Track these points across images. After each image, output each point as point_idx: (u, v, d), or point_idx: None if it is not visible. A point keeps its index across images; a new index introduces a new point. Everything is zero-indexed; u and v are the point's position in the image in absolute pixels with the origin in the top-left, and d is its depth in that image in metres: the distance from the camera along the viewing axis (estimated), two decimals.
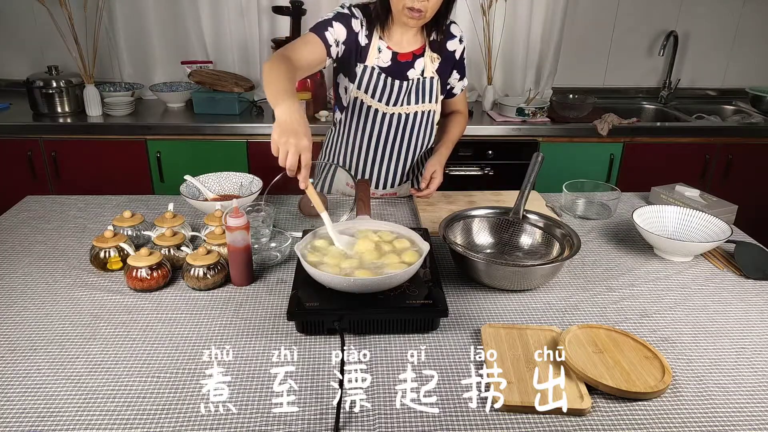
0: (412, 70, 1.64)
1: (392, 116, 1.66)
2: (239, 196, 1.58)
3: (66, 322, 1.13)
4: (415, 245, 1.26)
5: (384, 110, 1.65)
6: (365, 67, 1.61)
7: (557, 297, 1.26)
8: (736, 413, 0.94)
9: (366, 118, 1.67)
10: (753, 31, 3.12)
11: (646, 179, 2.03)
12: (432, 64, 1.65)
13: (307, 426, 0.89)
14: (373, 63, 1.61)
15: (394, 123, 1.68)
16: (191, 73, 2.69)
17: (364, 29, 1.59)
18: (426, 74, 1.65)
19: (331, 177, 1.85)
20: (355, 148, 1.74)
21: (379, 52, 1.60)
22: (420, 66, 1.64)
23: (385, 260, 1.20)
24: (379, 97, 1.63)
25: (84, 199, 1.71)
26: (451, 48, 1.68)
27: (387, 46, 1.61)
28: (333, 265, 1.18)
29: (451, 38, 1.67)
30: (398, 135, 1.70)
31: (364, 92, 1.63)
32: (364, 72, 1.61)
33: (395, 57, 1.62)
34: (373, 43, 1.60)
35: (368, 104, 1.65)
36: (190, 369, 1.01)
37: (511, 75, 3.00)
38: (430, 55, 1.65)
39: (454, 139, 1.76)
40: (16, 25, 2.88)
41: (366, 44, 1.60)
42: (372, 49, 1.60)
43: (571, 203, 1.70)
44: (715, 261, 1.43)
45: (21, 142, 2.51)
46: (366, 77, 1.61)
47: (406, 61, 1.63)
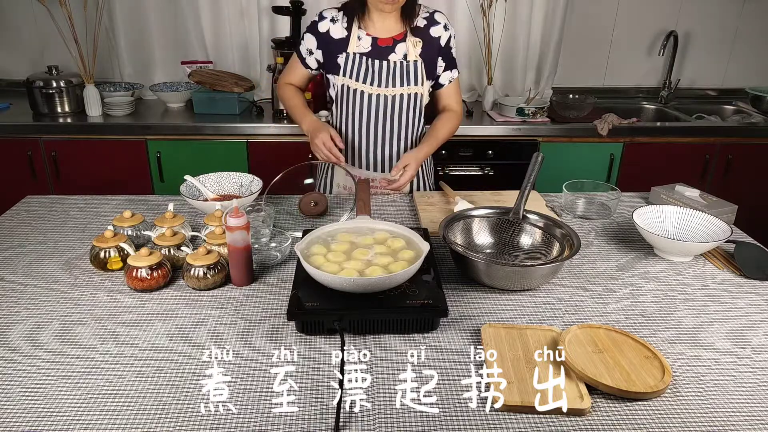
0: (393, 54, 1.69)
1: (378, 98, 1.71)
2: (239, 196, 1.58)
3: (66, 322, 1.13)
4: (414, 245, 1.26)
5: (369, 91, 1.70)
6: (347, 55, 1.69)
7: (557, 297, 1.26)
8: (736, 413, 0.94)
9: (354, 102, 1.73)
10: (753, 31, 3.12)
11: (646, 179, 2.03)
12: (414, 48, 1.70)
13: (307, 426, 0.89)
14: (354, 50, 1.68)
15: (381, 105, 1.72)
16: (191, 73, 2.69)
17: (340, 23, 1.68)
18: (409, 58, 1.70)
19: (331, 177, 1.86)
20: (347, 133, 1.78)
21: (359, 40, 1.68)
22: (401, 50, 1.69)
23: (384, 260, 1.20)
24: (363, 79, 1.69)
25: (84, 199, 1.71)
26: (434, 34, 1.72)
27: (366, 33, 1.68)
28: (334, 264, 1.18)
29: (435, 24, 1.72)
30: (387, 117, 1.74)
31: (349, 77, 1.70)
32: (347, 60, 1.69)
33: (375, 42, 1.69)
34: (353, 33, 1.68)
35: (354, 88, 1.70)
36: (190, 369, 1.01)
37: (511, 75, 3.00)
38: (411, 39, 1.69)
39: (440, 138, 1.76)
40: (16, 25, 2.88)
41: (346, 36, 1.69)
42: (352, 38, 1.68)
43: (571, 203, 1.70)
44: (715, 261, 1.43)
45: (21, 142, 2.51)
46: (349, 63, 1.69)
47: (386, 46, 1.69)
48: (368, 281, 1.12)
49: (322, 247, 1.25)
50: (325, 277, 1.12)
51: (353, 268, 1.17)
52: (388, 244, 1.27)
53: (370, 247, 1.25)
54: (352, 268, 1.17)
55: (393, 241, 1.28)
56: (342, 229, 1.32)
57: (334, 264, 1.19)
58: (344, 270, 1.16)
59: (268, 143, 2.56)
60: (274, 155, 2.56)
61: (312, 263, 1.16)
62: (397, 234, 1.30)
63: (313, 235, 1.29)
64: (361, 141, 1.77)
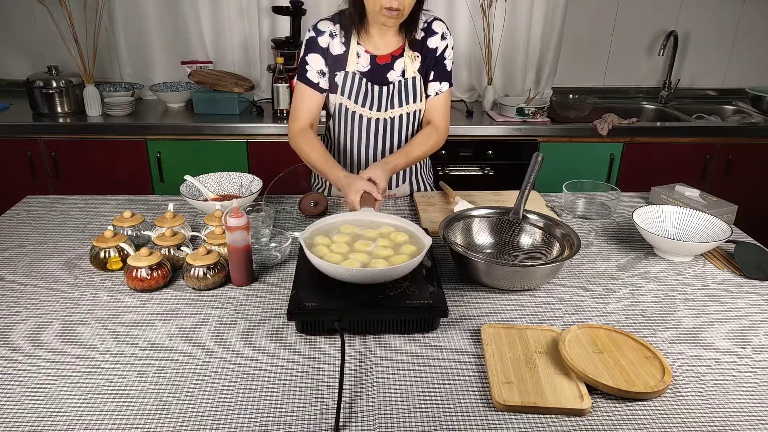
0: (392, 72, 1.63)
1: (377, 121, 1.66)
2: (239, 196, 1.58)
3: (66, 322, 1.13)
4: (417, 240, 1.26)
5: (369, 115, 1.65)
6: (346, 73, 1.61)
7: (557, 297, 1.26)
8: (736, 413, 0.94)
9: (352, 123, 1.68)
10: (753, 31, 3.12)
11: (646, 179, 2.03)
12: (413, 63, 1.63)
13: (307, 426, 0.89)
14: (353, 68, 1.61)
15: (381, 128, 1.67)
16: (191, 73, 2.69)
17: (339, 38, 1.59)
18: (407, 74, 1.64)
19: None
20: (347, 152, 1.74)
21: (357, 57, 1.61)
22: (400, 67, 1.63)
23: (385, 253, 1.21)
24: (362, 103, 1.63)
25: (84, 199, 1.71)
26: (432, 45, 1.63)
27: (365, 50, 1.61)
28: (337, 254, 1.20)
29: (432, 35, 1.63)
30: (387, 138, 1.69)
31: (348, 98, 1.63)
32: (345, 78, 1.62)
33: (374, 60, 1.61)
34: (352, 48, 1.60)
35: (352, 110, 1.65)
36: (190, 369, 1.01)
37: (511, 75, 3.00)
38: (410, 54, 1.62)
39: (412, 156, 1.61)
40: (16, 25, 2.88)
41: (344, 51, 1.60)
42: (351, 54, 1.60)
43: (571, 203, 1.70)
44: (715, 261, 1.43)
45: (21, 142, 2.51)
46: (348, 83, 1.62)
47: (385, 63, 1.62)
48: (370, 272, 1.12)
49: (326, 238, 1.25)
50: (328, 267, 1.12)
51: (356, 259, 1.17)
52: (391, 237, 1.27)
53: (374, 239, 1.26)
54: (356, 259, 1.17)
55: (396, 234, 1.28)
56: (347, 221, 1.33)
57: (338, 255, 1.20)
58: (347, 260, 1.17)
59: (268, 143, 2.56)
60: (274, 155, 2.56)
61: (315, 253, 1.17)
62: (401, 228, 1.31)
63: (317, 225, 1.29)
64: (360, 157, 1.73)
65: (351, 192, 1.43)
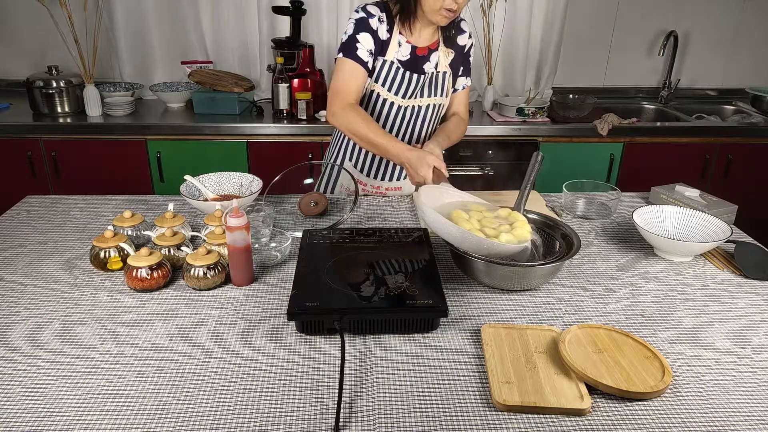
0: (427, 64, 1.67)
1: (405, 109, 1.68)
2: (239, 196, 1.58)
3: (66, 322, 1.13)
4: (519, 221, 1.33)
5: (399, 103, 1.67)
6: (384, 61, 1.63)
7: (557, 297, 1.26)
8: (736, 413, 0.94)
9: (380, 110, 1.69)
10: (753, 31, 3.12)
11: (646, 179, 2.03)
12: (446, 59, 1.69)
13: (307, 426, 0.89)
14: (393, 57, 1.63)
15: (407, 116, 1.69)
16: (191, 73, 2.69)
17: (384, 24, 1.61)
18: (440, 68, 1.68)
19: (335, 177, 1.85)
20: None
21: (399, 46, 1.63)
22: (435, 59, 1.67)
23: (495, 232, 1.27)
24: (396, 91, 1.65)
25: (84, 199, 1.71)
26: (461, 43, 1.72)
27: (406, 40, 1.63)
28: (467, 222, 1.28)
29: (462, 33, 1.72)
30: (407, 127, 1.71)
31: (381, 85, 1.65)
32: (383, 66, 1.63)
33: (414, 51, 1.64)
34: (394, 37, 1.62)
35: (384, 97, 1.66)
36: (190, 369, 1.01)
37: (511, 75, 3.01)
38: (444, 50, 1.68)
39: (452, 139, 1.73)
40: (16, 25, 2.88)
41: (387, 38, 1.62)
42: (392, 43, 1.62)
43: (571, 203, 1.70)
44: (715, 261, 1.43)
45: (21, 142, 2.52)
46: (385, 71, 1.63)
47: (422, 55, 1.66)
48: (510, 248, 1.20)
49: (463, 213, 1.31)
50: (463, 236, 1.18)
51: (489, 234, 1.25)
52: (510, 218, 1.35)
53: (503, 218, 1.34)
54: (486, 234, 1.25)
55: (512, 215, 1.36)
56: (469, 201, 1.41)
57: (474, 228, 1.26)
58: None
59: (268, 143, 2.56)
60: (274, 155, 2.56)
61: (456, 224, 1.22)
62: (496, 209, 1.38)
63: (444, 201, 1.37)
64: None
65: (423, 166, 1.44)
